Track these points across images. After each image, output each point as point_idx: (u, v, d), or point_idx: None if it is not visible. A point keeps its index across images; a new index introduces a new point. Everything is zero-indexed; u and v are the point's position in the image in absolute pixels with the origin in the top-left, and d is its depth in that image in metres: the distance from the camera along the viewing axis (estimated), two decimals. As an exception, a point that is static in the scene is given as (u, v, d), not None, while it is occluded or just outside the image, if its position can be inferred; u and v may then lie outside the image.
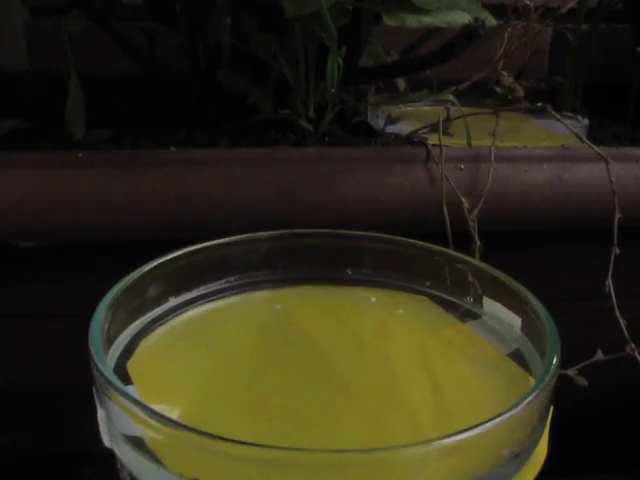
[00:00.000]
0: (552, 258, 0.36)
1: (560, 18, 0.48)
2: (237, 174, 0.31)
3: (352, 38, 0.38)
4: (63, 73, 0.39)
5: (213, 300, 0.27)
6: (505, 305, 0.25)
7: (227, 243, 0.27)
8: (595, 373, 0.30)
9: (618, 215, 0.32)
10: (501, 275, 0.25)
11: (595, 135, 0.45)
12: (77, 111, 0.38)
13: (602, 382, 0.30)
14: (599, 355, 0.30)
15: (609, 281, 0.31)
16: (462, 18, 0.30)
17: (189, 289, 0.26)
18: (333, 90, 0.36)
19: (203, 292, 0.27)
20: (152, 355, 0.23)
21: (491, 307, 0.26)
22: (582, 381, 0.30)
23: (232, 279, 0.27)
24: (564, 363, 0.21)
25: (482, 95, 0.49)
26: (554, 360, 0.20)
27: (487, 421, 0.17)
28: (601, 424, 0.41)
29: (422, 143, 0.35)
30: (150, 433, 0.17)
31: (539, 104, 0.36)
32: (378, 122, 0.43)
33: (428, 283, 0.27)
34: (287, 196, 0.31)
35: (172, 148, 0.34)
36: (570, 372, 0.29)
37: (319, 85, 0.38)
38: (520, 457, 0.19)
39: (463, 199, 0.32)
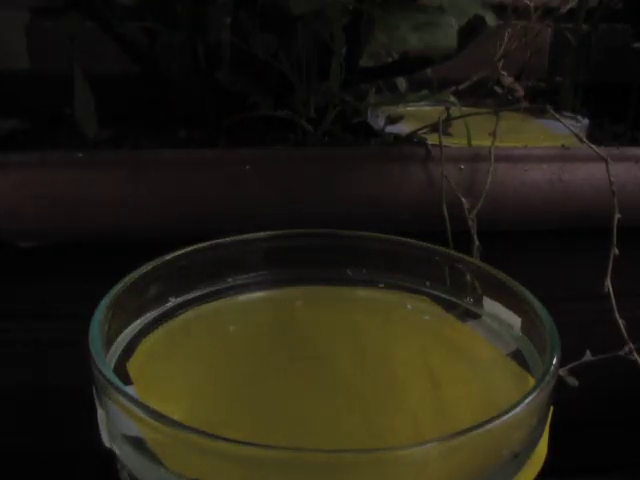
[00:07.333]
0: (552, 258, 0.36)
1: (560, 18, 0.48)
2: (237, 174, 0.31)
3: (353, 38, 0.38)
4: (63, 73, 0.39)
5: (213, 300, 0.27)
6: (505, 305, 0.25)
7: (227, 243, 0.27)
8: (595, 373, 0.30)
9: (617, 215, 0.32)
10: (501, 275, 0.25)
11: (595, 135, 0.45)
12: (87, 109, 0.38)
13: (602, 382, 0.30)
14: (587, 356, 0.30)
15: (608, 281, 0.31)
16: (446, 41, 0.30)
17: (189, 289, 0.26)
18: (334, 90, 0.36)
19: (203, 292, 0.27)
20: (152, 355, 0.23)
21: (491, 307, 0.26)
22: (572, 381, 0.30)
23: (232, 279, 0.27)
24: (563, 363, 0.21)
25: (482, 95, 0.49)
26: (554, 360, 0.20)
27: (487, 421, 0.17)
28: (601, 424, 0.41)
29: (422, 143, 0.35)
30: (150, 433, 0.17)
31: (539, 104, 0.36)
32: (378, 122, 0.43)
33: (428, 283, 0.27)
34: (287, 196, 0.31)
35: (172, 148, 0.34)
36: (561, 372, 0.29)
37: (319, 85, 0.38)
38: (520, 457, 0.19)
39: (463, 199, 0.32)
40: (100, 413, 0.19)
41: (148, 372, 0.22)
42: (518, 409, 0.18)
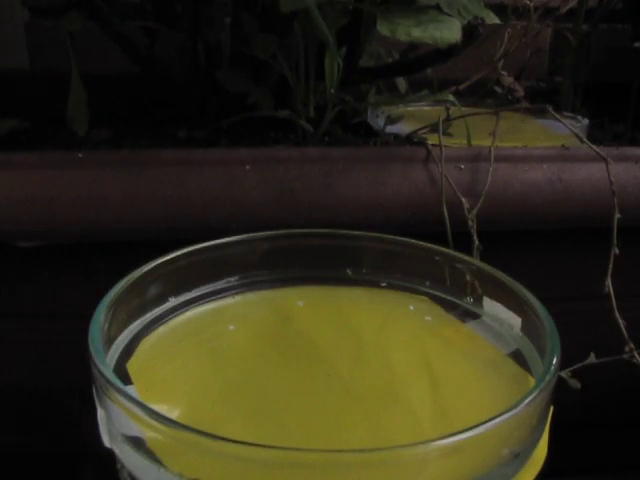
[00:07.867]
0: (552, 258, 0.36)
1: (560, 18, 0.48)
2: (237, 174, 0.31)
3: (352, 38, 0.38)
4: (63, 73, 0.39)
5: (213, 300, 0.27)
6: (505, 305, 0.25)
7: (227, 243, 0.27)
8: (595, 374, 0.30)
9: (617, 215, 0.32)
10: (501, 275, 0.25)
11: (595, 135, 0.45)
12: (80, 109, 0.38)
13: (602, 383, 0.30)
14: (592, 358, 0.30)
15: (608, 281, 0.31)
16: (451, 35, 0.30)
17: (189, 289, 0.26)
18: (333, 90, 0.36)
19: (203, 292, 0.27)
20: (152, 355, 0.23)
21: (491, 307, 0.26)
22: (575, 383, 0.30)
23: (232, 279, 0.27)
24: (563, 363, 0.21)
25: (482, 95, 0.49)
26: (554, 360, 0.20)
27: (487, 421, 0.17)
28: (601, 424, 0.41)
29: (422, 143, 0.35)
30: (150, 433, 0.17)
31: (539, 104, 0.36)
32: (378, 122, 0.43)
33: (428, 283, 0.27)
34: (287, 196, 0.31)
35: (172, 148, 0.34)
36: (564, 374, 0.29)
37: (319, 85, 0.38)
38: (520, 457, 0.19)
39: (463, 199, 0.32)
40: (100, 413, 0.19)
41: (148, 372, 0.22)
42: (518, 409, 0.18)
